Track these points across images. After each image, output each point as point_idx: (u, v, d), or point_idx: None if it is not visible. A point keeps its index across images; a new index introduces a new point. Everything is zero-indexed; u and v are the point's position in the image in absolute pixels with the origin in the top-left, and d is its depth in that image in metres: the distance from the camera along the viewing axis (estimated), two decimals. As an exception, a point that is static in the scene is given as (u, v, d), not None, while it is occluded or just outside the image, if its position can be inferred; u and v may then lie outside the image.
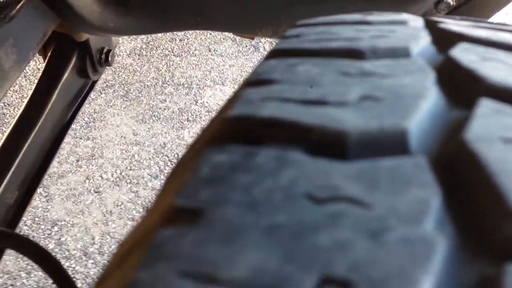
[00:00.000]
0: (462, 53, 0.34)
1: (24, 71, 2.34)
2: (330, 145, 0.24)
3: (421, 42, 0.36)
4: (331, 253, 0.18)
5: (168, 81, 2.46)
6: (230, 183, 0.22)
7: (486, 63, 0.32)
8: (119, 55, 2.48)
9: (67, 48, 1.34)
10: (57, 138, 1.42)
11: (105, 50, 1.43)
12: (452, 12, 1.04)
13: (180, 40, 2.67)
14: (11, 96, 2.25)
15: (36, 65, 2.46)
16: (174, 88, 2.37)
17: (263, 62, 0.36)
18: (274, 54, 0.37)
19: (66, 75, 1.36)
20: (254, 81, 0.32)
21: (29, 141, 1.27)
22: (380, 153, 0.24)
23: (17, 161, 1.24)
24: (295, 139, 0.25)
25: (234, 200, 0.21)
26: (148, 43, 2.62)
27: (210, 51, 2.60)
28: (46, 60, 1.36)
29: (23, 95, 2.28)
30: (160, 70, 2.50)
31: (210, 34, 2.70)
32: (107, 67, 1.48)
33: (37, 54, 1.23)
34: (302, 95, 0.28)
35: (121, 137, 2.19)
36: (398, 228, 0.19)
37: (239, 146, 0.25)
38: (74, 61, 1.38)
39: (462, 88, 0.30)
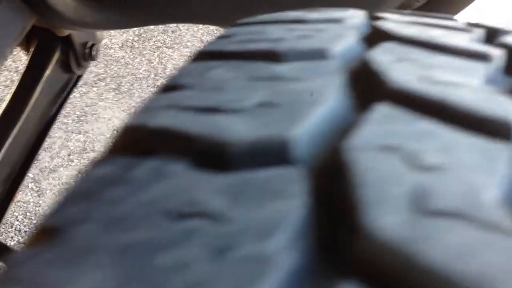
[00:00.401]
0: (380, 54, 0.33)
1: (16, 66, 2.34)
2: (212, 156, 0.24)
3: (345, 42, 0.36)
4: (168, 274, 0.17)
5: (160, 74, 2.45)
6: (98, 198, 0.22)
7: (400, 64, 0.31)
8: (111, 48, 2.47)
9: (50, 43, 1.34)
10: (42, 134, 1.43)
11: (89, 45, 1.42)
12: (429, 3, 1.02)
13: (173, 31, 2.66)
14: (2, 91, 2.25)
15: (29, 59, 2.45)
16: (166, 81, 2.36)
17: (184, 65, 0.35)
18: (198, 56, 0.36)
19: (49, 70, 1.36)
20: (165, 87, 0.31)
21: (12, 137, 1.28)
22: (263, 163, 0.24)
23: (0, 157, 1.24)
24: (181, 150, 0.24)
25: (95, 217, 0.20)
26: (140, 35, 2.61)
27: (202, 42, 2.59)
28: (29, 56, 1.36)
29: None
30: (152, 63, 2.49)
31: (203, 25, 2.69)
32: (96, 61, 1.48)
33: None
34: (201, 102, 0.28)
35: (113, 130, 2.19)
36: (245, 244, 0.19)
37: (126, 158, 0.25)
38: (57, 56, 1.37)
39: (368, 91, 0.30)
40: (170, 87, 0.31)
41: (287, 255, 0.18)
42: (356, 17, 0.43)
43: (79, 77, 1.53)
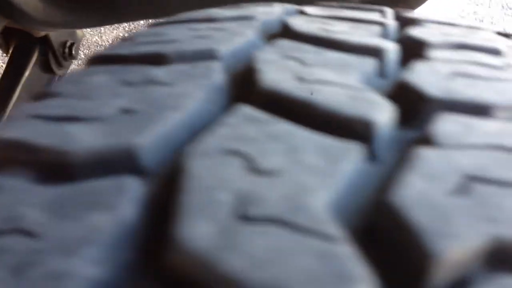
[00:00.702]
0: (266, 52, 0.33)
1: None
2: (56, 167, 0.24)
3: (237, 42, 0.35)
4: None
5: (150, 69, 2.44)
6: None
7: (280, 63, 0.31)
8: (101, 45, 2.46)
9: (28, 44, 1.34)
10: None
11: (68, 44, 1.42)
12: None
13: (162, 26, 2.64)
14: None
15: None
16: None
17: (72, 71, 0.35)
18: (90, 61, 0.36)
19: (28, 71, 1.37)
20: (42, 94, 0.31)
21: (-7, 139, 1.28)
22: (109, 173, 0.23)
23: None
24: (27, 162, 0.24)
25: None
26: (131, 31, 2.60)
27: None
28: (8, 57, 1.36)
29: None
30: None
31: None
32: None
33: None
34: (63, 111, 0.27)
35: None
36: (50, 261, 0.18)
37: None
38: (36, 56, 1.38)
39: (244, 92, 0.30)
40: (46, 95, 0.31)
41: (93, 270, 0.18)
42: (268, 13, 0.42)
43: (60, 77, 1.54)
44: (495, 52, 0.35)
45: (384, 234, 0.20)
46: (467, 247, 0.18)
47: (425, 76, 0.29)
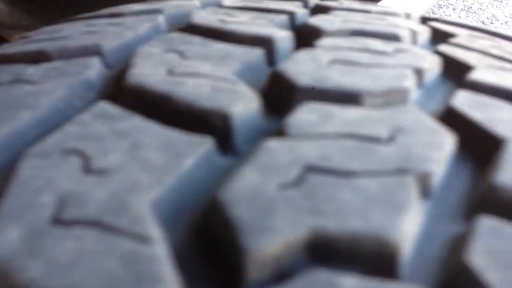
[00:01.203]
0: (150, 46, 0.32)
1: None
2: None
3: (126, 37, 0.34)
4: None
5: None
6: None
7: (159, 57, 0.30)
8: None
9: None
10: None
11: None
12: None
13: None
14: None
15: None
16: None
17: None
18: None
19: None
20: None
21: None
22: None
23: None
24: None
25: None
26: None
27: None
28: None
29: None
30: None
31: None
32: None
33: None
34: None
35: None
36: None
37: None
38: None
39: (117, 90, 0.29)
40: None
41: None
42: (178, 7, 0.41)
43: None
44: (392, 37, 0.34)
45: (213, 231, 0.19)
46: (285, 241, 0.17)
47: (301, 65, 0.28)
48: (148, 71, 0.28)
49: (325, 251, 0.18)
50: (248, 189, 0.19)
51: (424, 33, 0.38)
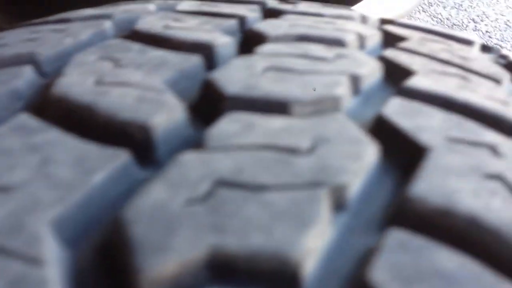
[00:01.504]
0: (86, 54, 0.31)
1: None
2: None
3: (69, 43, 0.33)
4: None
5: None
6: None
7: (89, 65, 0.29)
8: None
9: None
10: None
11: None
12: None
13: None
14: None
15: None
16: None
17: None
18: None
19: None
20: None
21: None
22: None
23: None
24: None
25: None
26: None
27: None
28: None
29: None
30: None
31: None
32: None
33: None
34: None
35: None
36: None
37: None
38: None
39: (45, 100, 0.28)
40: None
41: None
42: (129, 12, 0.40)
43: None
44: (337, 42, 0.34)
45: (114, 251, 0.19)
46: (181, 260, 0.17)
47: (233, 73, 0.28)
48: (76, 81, 0.27)
49: (226, 270, 0.17)
50: (152, 205, 0.19)
51: (374, 37, 0.37)
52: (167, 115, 0.24)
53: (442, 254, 0.18)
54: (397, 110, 0.26)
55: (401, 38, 0.39)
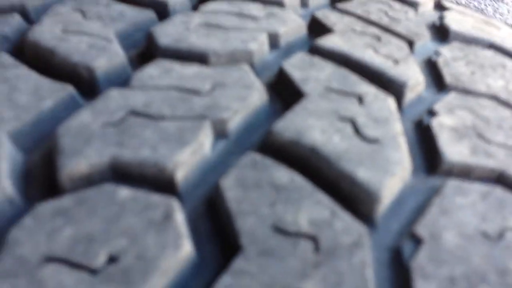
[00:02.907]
0: (61, 6, 0.38)
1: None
2: None
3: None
4: None
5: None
6: None
7: (62, 17, 0.36)
8: None
9: None
10: None
11: None
12: None
13: None
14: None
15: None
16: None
17: None
18: None
19: None
20: None
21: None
22: None
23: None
24: None
25: None
26: None
27: None
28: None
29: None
30: None
31: None
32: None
33: None
34: None
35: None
36: None
37: None
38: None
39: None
40: None
41: None
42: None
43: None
44: (276, 2, 0.39)
45: (51, 157, 0.26)
46: (90, 163, 0.24)
47: (170, 27, 0.34)
48: (46, 29, 0.34)
49: (122, 173, 0.25)
50: (78, 125, 0.26)
51: (319, -3, 0.42)
52: (108, 60, 0.31)
53: (280, 172, 0.25)
54: (295, 63, 0.32)
55: (348, -1, 0.44)
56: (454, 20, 0.43)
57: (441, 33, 0.41)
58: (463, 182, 0.26)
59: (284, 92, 0.31)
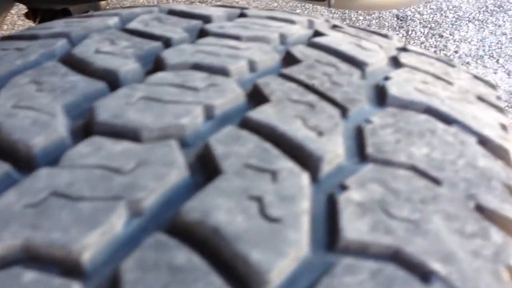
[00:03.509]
0: (21, 77, 0.41)
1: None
2: None
3: None
4: None
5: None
6: None
7: (17, 89, 0.39)
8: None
9: (51, 16, 1.45)
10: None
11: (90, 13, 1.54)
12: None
13: None
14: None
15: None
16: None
17: None
18: None
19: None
20: None
21: None
22: None
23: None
24: None
25: None
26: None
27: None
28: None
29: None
30: None
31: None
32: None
33: None
34: None
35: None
36: None
37: None
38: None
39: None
40: None
41: None
42: (84, 29, 0.50)
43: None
44: (222, 71, 0.42)
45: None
46: (4, 246, 0.27)
47: (111, 101, 0.37)
48: (0, 103, 0.37)
49: (35, 256, 0.27)
50: (3, 205, 0.29)
51: (269, 61, 0.45)
52: (47, 136, 0.33)
53: (181, 253, 0.27)
54: (221, 138, 0.34)
55: (297, 60, 0.46)
56: (397, 81, 0.44)
57: (380, 97, 0.42)
58: (356, 259, 0.27)
59: (208, 167, 0.33)
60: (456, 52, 2.07)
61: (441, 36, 2.14)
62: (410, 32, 2.19)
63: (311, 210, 0.30)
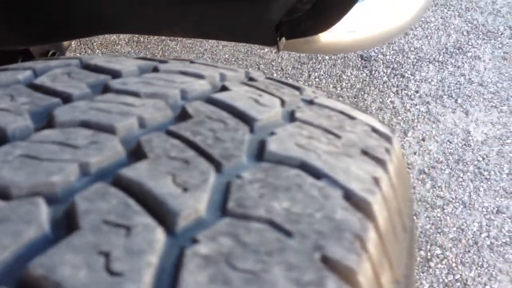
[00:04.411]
0: None
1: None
2: None
3: None
4: None
5: (162, 65, 2.53)
6: None
7: None
8: (118, 43, 2.54)
9: (10, 55, 1.42)
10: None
11: (50, 54, 1.53)
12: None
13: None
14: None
15: None
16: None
17: None
18: None
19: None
20: None
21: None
22: None
23: None
24: None
25: None
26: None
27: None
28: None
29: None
30: (156, 56, 2.58)
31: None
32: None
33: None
34: None
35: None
36: None
37: None
38: (17, 65, 1.49)
39: None
40: None
41: None
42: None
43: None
44: (108, 129, 0.44)
45: None
46: None
47: (-11, 160, 0.38)
48: None
49: None
50: None
51: (160, 117, 0.47)
52: None
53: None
54: (87, 195, 0.36)
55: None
56: (280, 137, 0.47)
57: (260, 152, 0.45)
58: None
59: (71, 223, 0.35)
60: (417, 91, 2.15)
61: (403, 76, 2.23)
62: (373, 72, 2.26)
63: (160, 264, 0.32)
